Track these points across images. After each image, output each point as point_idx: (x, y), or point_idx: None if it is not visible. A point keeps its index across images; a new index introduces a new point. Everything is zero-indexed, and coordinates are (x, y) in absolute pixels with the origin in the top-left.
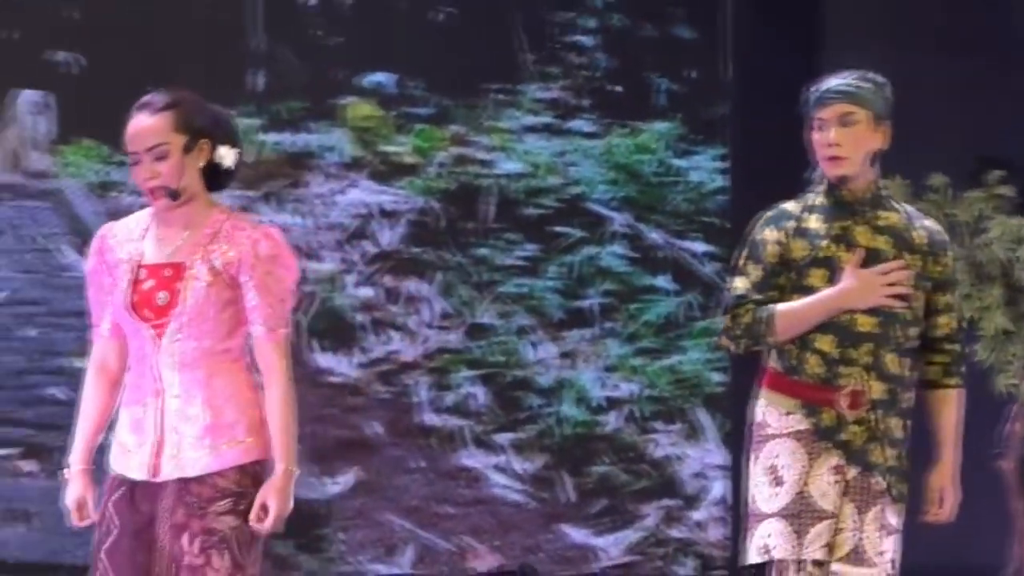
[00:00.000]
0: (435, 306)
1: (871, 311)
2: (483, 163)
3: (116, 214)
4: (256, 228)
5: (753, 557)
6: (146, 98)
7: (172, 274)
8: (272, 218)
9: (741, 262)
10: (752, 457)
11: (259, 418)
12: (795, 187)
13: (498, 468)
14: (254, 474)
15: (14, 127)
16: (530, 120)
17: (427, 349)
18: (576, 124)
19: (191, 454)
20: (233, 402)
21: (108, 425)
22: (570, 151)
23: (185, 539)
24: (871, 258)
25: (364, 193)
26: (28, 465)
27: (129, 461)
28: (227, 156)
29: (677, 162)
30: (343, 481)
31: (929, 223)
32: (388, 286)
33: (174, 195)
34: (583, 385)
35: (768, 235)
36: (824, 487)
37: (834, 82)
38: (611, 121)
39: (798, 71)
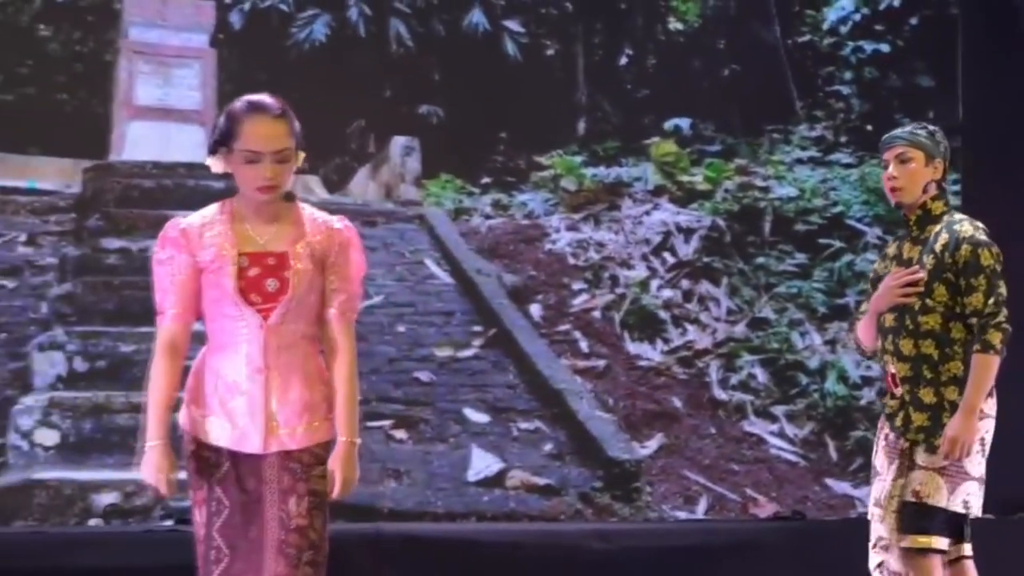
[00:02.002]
0: (723, 304)
1: (892, 309)
2: (761, 189)
3: (467, 234)
4: (333, 219)
5: None
6: (260, 99)
7: (276, 263)
8: (592, 235)
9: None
10: None
11: (333, 398)
12: (1015, 208)
13: (775, 434)
14: (331, 448)
15: (388, 165)
16: (800, 154)
17: (717, 339)
18: (836, 156)
19: (298, 430)
20: (320, 382)
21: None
22: (831, 178)
23: (292, 502)
24: (908, 266)
25: (666, 214)
26: (399, 434)
27: (232, 436)
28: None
29: None
30: (651, 445)
31: (958, 227)
32: (685, 288)
33: (289, 196)
34: (843, 367)
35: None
36: (880, 452)
37: (897, 131)
38: (864, 154)
39: (1018, 113)
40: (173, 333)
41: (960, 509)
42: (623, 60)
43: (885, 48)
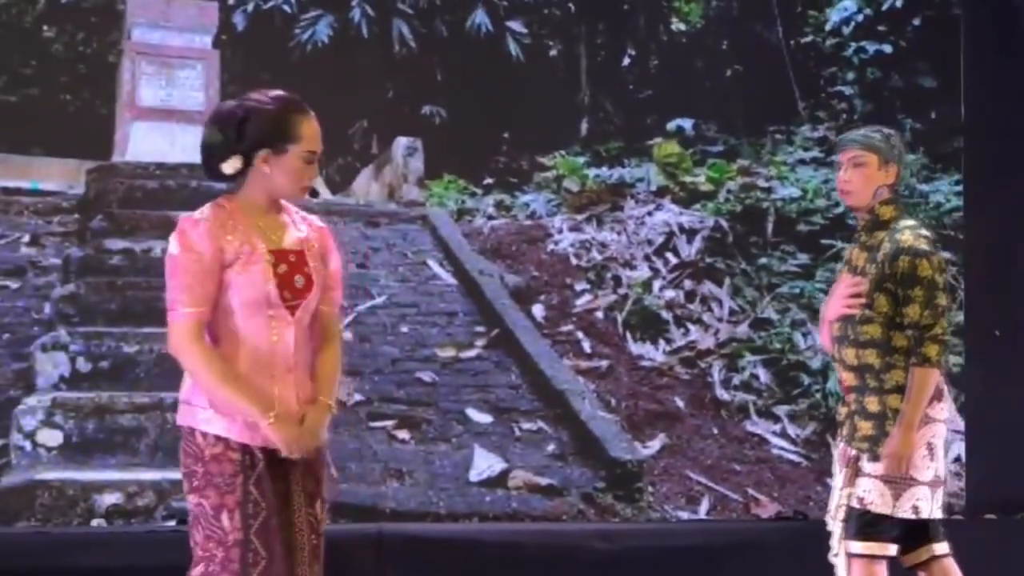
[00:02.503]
0: (726, 304)
1: (839, 318)
2: (764, 189)
3: (470, 234)
4: (314, 217)
5: None
6: (299, 98)
7: (296, 259)
8: (594, 236)
9: None
10: None
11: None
12: (1016, 208)
13: (777, 434)
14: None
15: (390, 166)
16: (802, 154)
17: (719, 339)
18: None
19: (319, 430)
20: (311, 378)
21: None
22: (834, 179)
23: (318, 506)
24: (855, 275)
25: (668, 215)
26: (402, 434)
27: (263, 435)
28: None
29: (921, 187)
30: (653, 445)
31: (899, 236)
32: (688, 289)
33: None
34: None
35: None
36: (837, 460)
37: (851, 133)
38: None
39: (1019, 113)
40: (200, 329)
41: (909, 515)
42: (626, 61)
43: (887, 49)
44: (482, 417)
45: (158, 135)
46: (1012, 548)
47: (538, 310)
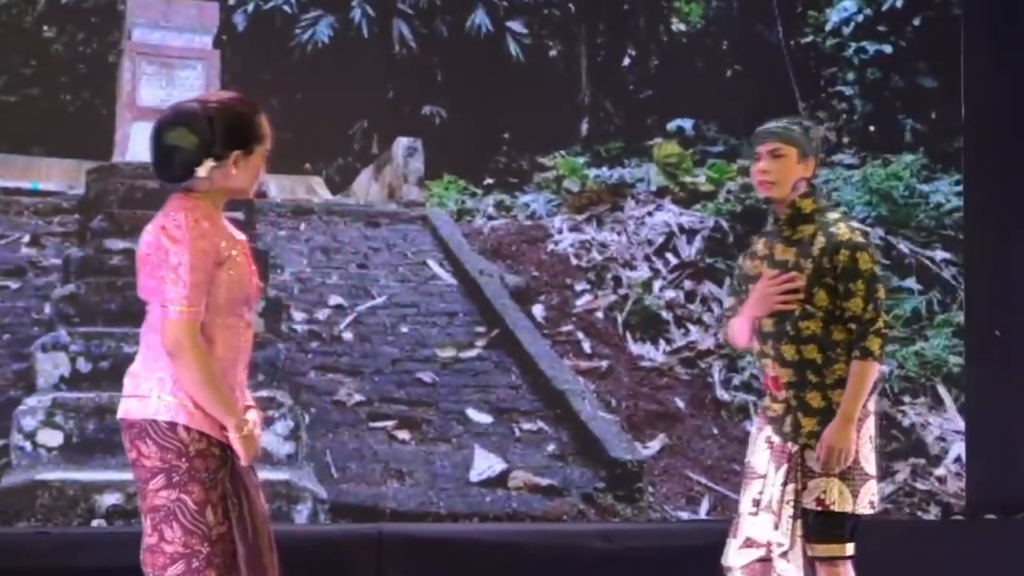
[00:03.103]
0: (726, 304)
1: (772, 314)
2: None
3: (470, 235)
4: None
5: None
6: (254, 101)
7: (247, 261)
8: (594, 236)
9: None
10: None
11: None
12: (1017, 208)
13: None
14: None
15: (391, 166)
16: None
17: (719, 339)
18: (839, 157)
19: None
20: None
21: None
22: (834, 179)
23: (262, 496)
24: (781, 270)
25: (668, 215)
26: (402, 434)
27: (225, 435)
28: None
29: (921, 187)
30: (653, 445)
31: (835, 230)
32: (688, 289)
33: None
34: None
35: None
36: (760, 454)
37: (770, 124)
38: (867, 154)
39: (1020, 113)
40: (198, 327)
41: (868, 511)
42: (626, 61)
43: (888, 49)
44: (482, 417)
45: None
46: (1012, 548)
47: (538, 310)
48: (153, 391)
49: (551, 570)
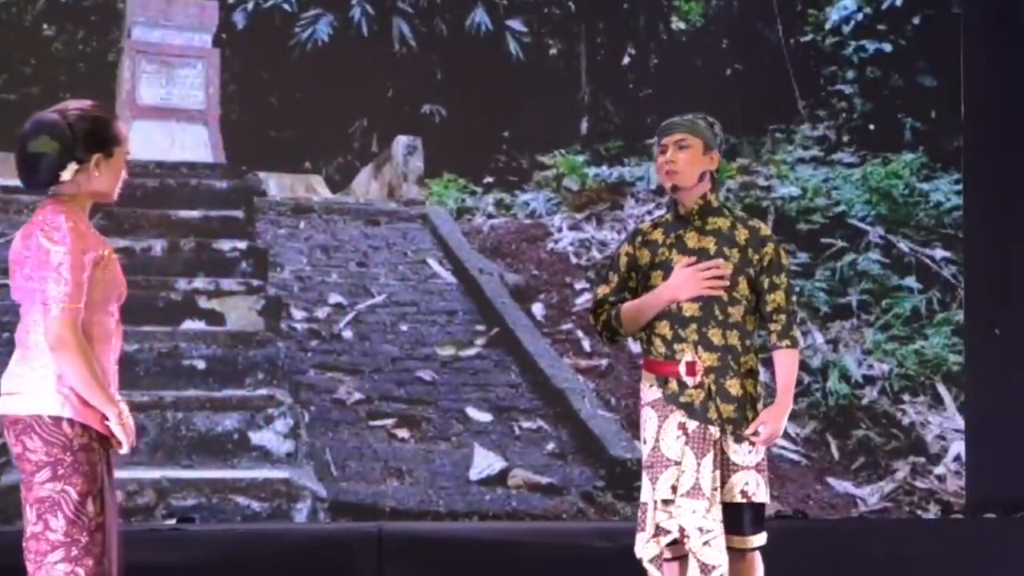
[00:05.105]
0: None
1: (695, 299)
2: (764, 188)
3: (469, 233)
4: None
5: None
6: (109, 106)
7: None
8: (594, 234)
9: (607, 272)
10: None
11: None
12: (1017, 207)
13: None
14: None
15: (390, 165)
16: (802, 153)
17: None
18: (839, 156)
19: None
20: None
21: None
22: (834, 178)
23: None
24: (699, 257)
25: None
26: (402, 432)
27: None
28: None
29: (921, 185)
30: None
31: (753, 223)
32: None
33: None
34: (845, 365)
35: (623, 249)
36: (671, 441)
37: (676, 118)
38: (867, 153)
39: (1020, 113)
40: (79, 324)
41: (768, 500)
42: (626, 59)
43: (887, 47)
44: (482, 416)
45: (158, 134)
46: (1012, 548)
47: (538, 309)
48: (37, 388)
49: (551, 569)
